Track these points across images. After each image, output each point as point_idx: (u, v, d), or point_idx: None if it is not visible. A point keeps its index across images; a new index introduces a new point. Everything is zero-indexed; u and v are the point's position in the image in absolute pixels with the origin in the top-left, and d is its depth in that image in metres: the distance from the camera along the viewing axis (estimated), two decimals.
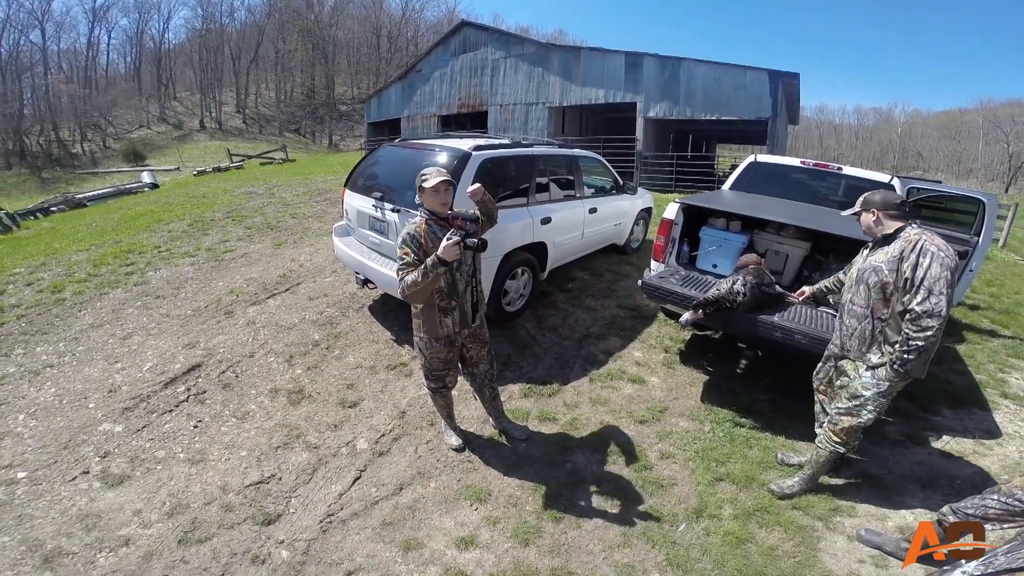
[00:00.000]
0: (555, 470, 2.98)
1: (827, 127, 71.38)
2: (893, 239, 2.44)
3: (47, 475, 2.83)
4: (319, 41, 50.15)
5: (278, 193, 10.18)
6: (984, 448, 3.37)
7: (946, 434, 3.48)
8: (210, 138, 43.97)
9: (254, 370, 3.88)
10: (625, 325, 4.79)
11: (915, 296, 2.25)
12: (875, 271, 2.44)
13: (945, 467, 3.16)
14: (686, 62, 14.81)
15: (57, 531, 2.48)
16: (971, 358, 4.63)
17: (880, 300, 2.44)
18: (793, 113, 22.49)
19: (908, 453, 3.27)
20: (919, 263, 2.27)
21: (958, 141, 56.26)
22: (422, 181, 2.54)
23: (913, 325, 2.26)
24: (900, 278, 2.34)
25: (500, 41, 19.23)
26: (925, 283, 2.23)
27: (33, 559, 2.33)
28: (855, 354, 2.57)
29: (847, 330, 2.60)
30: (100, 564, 2.33)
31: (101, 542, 2.43)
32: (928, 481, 3.01)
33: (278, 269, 5.80)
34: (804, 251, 4.10)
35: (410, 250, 2.47)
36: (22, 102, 40.85)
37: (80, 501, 2.67)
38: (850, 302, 2.59)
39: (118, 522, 2.55)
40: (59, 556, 2.35)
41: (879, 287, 2.42)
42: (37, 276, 5.46)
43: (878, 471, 3.07)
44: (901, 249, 2.35)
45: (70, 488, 2.75)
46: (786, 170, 5.35)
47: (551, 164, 4.92)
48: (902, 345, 2.32)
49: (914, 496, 2.89)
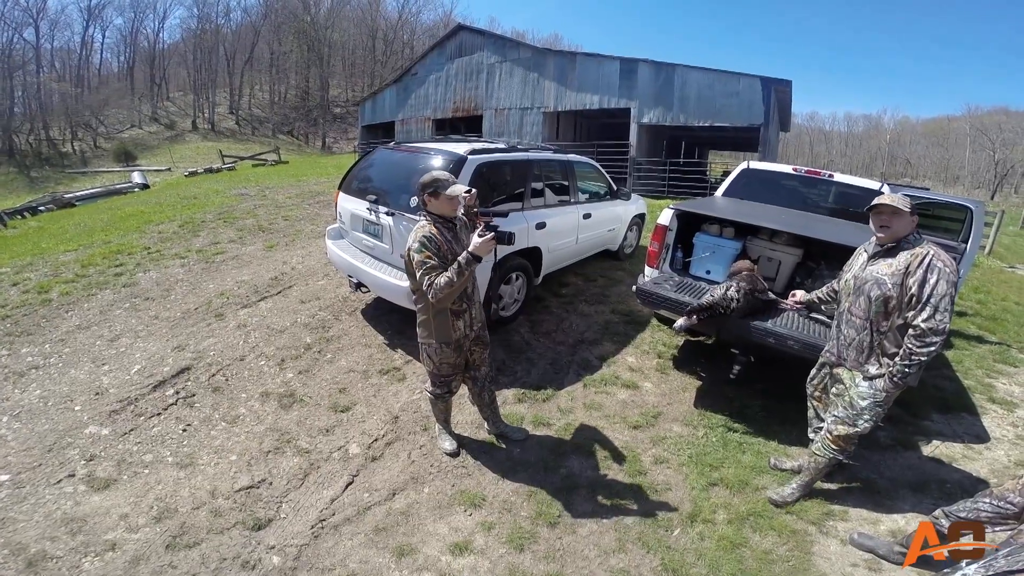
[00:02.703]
0: (550, 475, 2.97)
1: (817, 134, 72.19)
2: (898, 250, 2.40)
3: (31, 478, 2.77)
4: (314, 43, 50.00)
5: (270, 195, 10.11)
6: (973, 452, 3.41)
7: (936, 439, 3.51)
8: (202, 139, 43.65)
9: (244, 373, 3.84)
10: (619, 330, 4.80)
11: (920, 312, 2.24)
12: (878, 284, 2.40)
13: (935, 471, 3.19)
14: (680, 68, 14.93)
15: (41, 535, 2.43)
16: (959, 364, 4.68)
17: (881, 313, 2.41)
18: (785, 120, 22.72)
19: (899, 458, 3.30)
20: (926, 279, 2.25)
21: (945, 148, 57.12)
22: (439, 188, 2.48)
23: (917, 341, 2.25)
24: (905, 293, 2.31)
25: (496, 45, 19.28)
26: (932, 300, 2.22)
27: (16, 563, 2.28)
28: (852, 364, 2.57)
29: (845, 340, 2.59)
30: (85, 569, 2.29)
31: (86, 546, 2.39)
32: (919, 485, 3.04)
33: (270, 272, 5.75)
34: (796, 258, 4.13)
35: (431, 253, 2.43)
36: (13, 100, 40.36)
37: (65, 505, 2.62)
38: (848, 312, 2.57)
39: (104, 526, 2.50)
40: (43, 560, 2.30)
41: (881, 300, 2.39)
42: (23, 276, 5.38)
43: (870, 475, 3.09)
44: (907, 263, 2.32)
45: (55, 491, 2.70)
46: (778, 177, 5.39)
47: (546, 169, 4.92)
48: (903, 359, 2.31)
49: (905, 500, 2.92)
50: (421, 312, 2.71)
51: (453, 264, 2.39)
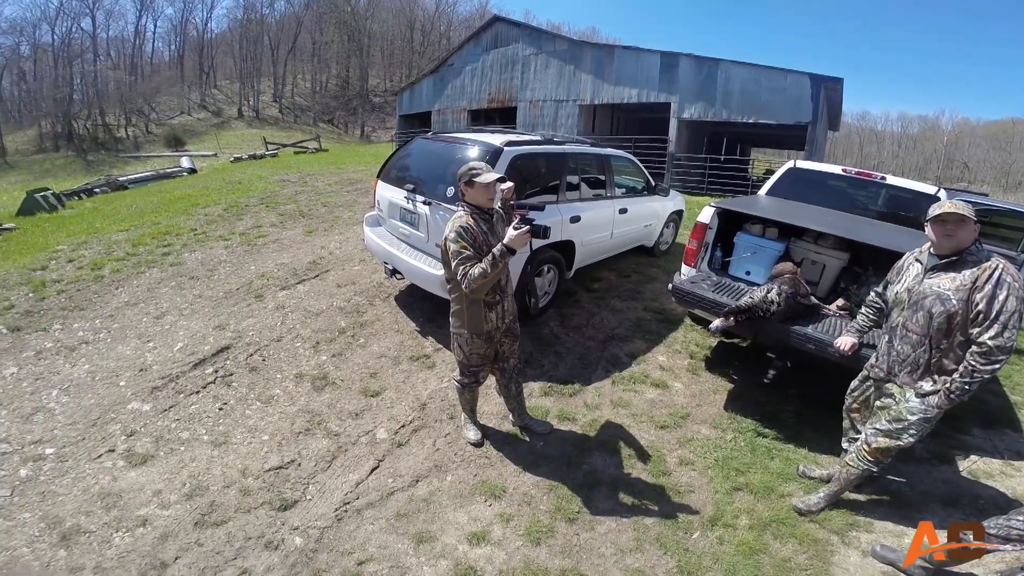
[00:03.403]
0: (572, 470, 2.95)
1: (868, 134, 69.06)
2: (961, 264, 2.23)
3: (74, 452, 2.89)
4: (355, 33, 50.87)
5: (311, 182, 10.34)
6: (1012, 469, 3.24)
7: (974, 453, 3.35)
8: (247, 126, 45.05)
9: (281, 354, 3.95)
10: (651, 328, 4.72)
11: (988, 330, 2.11)
12: (940, 300, 2.24)
13: (970, 487, 3.05)
14: (724, 63, 14.47)
15: (77, 509, 2.53)
16: (1008, 379, 4.42)
17: (943, 330, 2.26)
18: (834, 119, 21.81)
19: (933, 471, 3.16)
20: (995, 295, 2.10)
21: (1008, 152, 53.86)
22: (473, 176, 2.52)
23: (983, 358, 2.12)
24: (971, 309, 2.16)
25: (532, 37, 19.12)
26: (1001, 318, 2.09)
27: (51, 536, 2.37)
28: (904, 381, 2.42)
29: (897, 356, 2.44)
30: (116, 543, 2.36)
31: (119, 521, 2.47)
32: (951, 500, 2.90)
33: (308, 256, 5.89)
34: (842, 262, 3.95)
35: (467, 243, 2.45)
36: (72, 87, 42.54)
37: (103, 480, 2.72)
38: (903, 327, 2.40)
39: (138, 502, 2.59)
40: (77, 534, 2.39)
41: (944, 317, 2.23)
42: (79, 253, 5.66)
43: (901, 488, 2.97)
44: (975, 278, 2.16)
45: (94, 466, 2.80)
46: (826, 177, 5.17)
47: (582, 162, 4.86)
48: (964, 376, 2.18)
49: (934, 514, 2.78)
50: (455, 302, 2.73)
51: (488, 255, 2.39)
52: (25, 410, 3.20)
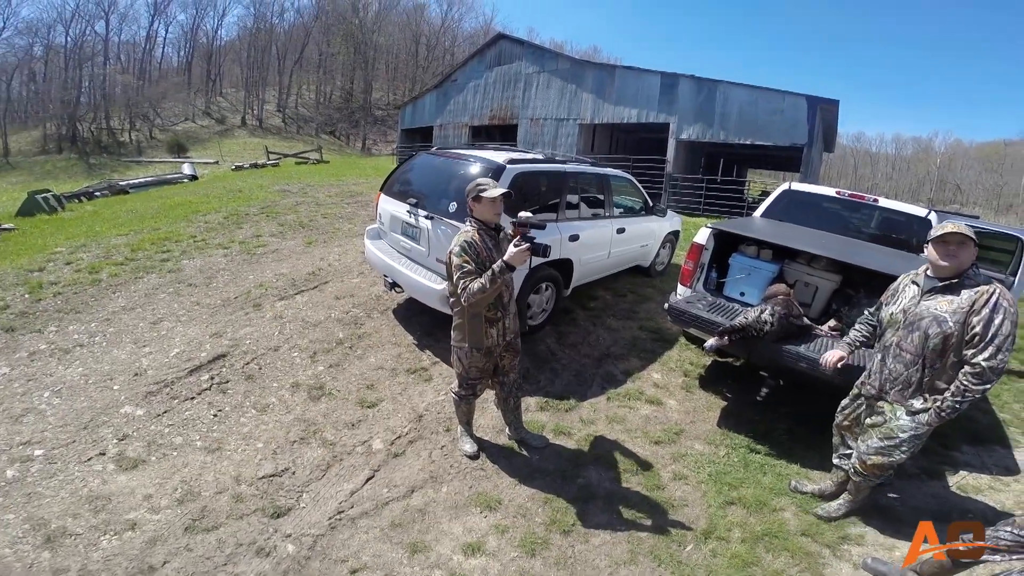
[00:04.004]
0: (567, 484, 2.96)
1: (863, 155, 69.81)
2: (959, 286, 2.28)
3: (63, 454, 2.87)
4: (361, 45, 51.54)
5: (311, 193, 10.41)
6: (1001, 484, 3.30)
7: (963, 469, 3.41)
8: (250, 134, 45.34)
9: (277, 363, 3.96)
10: (646, 347, 4.76)
11: (982, 352, 2.17)
12: (937, 321, 2.28)
13: (959, 501, 3.11)
14: (723, 84, 14.71)
15: (64, 511, 2.51)
16: (997, 397, 4.49)
17: (937, 351, 2.31)
18: (830, 140, 22.12)
19: (923, 486, 3.21)
20: (992, 319, 2.17)
21: (999, 174, 54.47)
22: (479, 191, 2.58)
23: (975, 379, 2.19)
24: (967, 331, 2.22)
25: (534, 55, 19.39)
26: (996, 341, 2.15)
27: (35, 538, 2.35)
28: (895, 398, 2.49)
29: (890, 374, 2.49)
30: (103, 547, 2.34)
31: (107, 525, 2.46)
32: (940, 514, 2.92)
33: (307, 267, 5.92)
34: (834, 284, 4.02)
35: (469, 258, 2.51)
36: (80, 90, 42.80)
37: (92, 482, 2.70)
38: (897, 347, 2.45)
39: (127, 506, 2.58)
40: (62, 536, 2.37)
41: (940, 338, 2.28)
42: (77, 256, 5.67)
43: (891, 502, 3.01)
44: (972, 301, 2.22)
45: (84, 469, 2.79)
46: (820, 199, 5.26)
47: (582, 181, 4.93)
48: (955, 395, 2.25)
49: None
50: (457, 315, 2.77)
51: (488, 271, 2.44)
52: (15, 411, 3.19)
